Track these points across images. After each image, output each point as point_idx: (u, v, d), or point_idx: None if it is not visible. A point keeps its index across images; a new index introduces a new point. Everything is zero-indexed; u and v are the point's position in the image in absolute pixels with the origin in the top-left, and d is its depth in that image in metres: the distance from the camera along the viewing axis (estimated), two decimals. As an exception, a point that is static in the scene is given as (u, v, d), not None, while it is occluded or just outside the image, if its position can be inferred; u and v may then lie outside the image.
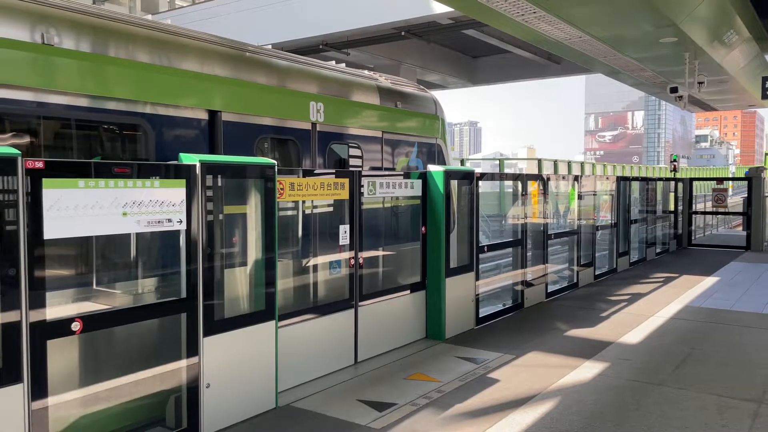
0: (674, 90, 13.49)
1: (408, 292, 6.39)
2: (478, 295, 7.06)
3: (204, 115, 5.54)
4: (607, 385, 5.05)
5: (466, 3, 8.89)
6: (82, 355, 3.88)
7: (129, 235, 4.38)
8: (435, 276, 6.52)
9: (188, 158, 3.99)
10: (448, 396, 4.79)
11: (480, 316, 7.10)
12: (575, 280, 9.48)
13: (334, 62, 8.11)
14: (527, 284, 8.07)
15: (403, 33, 14.93)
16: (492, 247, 7.93)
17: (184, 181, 3.87)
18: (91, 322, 3.52)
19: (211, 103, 5.57)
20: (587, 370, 5.41)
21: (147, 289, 4.71)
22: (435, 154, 8.95)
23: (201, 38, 5.83)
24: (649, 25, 9.90)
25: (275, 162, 4.50)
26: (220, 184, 4.24)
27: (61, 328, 3.35)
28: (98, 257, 4.45)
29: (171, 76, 5.27)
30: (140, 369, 3.96)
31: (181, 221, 3.85)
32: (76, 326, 3.38)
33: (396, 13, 13.86)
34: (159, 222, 3.74)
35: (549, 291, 8.62)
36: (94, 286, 4.46)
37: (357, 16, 14.41)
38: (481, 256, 7.30)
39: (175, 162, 4.00)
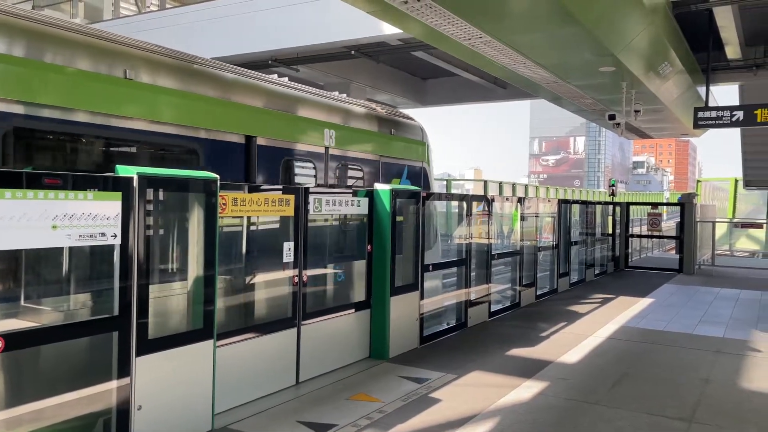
0: (612, 117, 14.04)
1: (352, 310, 6.34)
2: (422, 314, 7.07)
3: (242, 140, 6.63)
4: (546, 404, 5.12)
5: (415, 26, 9.03)
6: (4, 375, 3.66)
7: (62, 248, 4.19)
8: (380, 295, 6.50)
9: (125, 170, 3.86)
10: (390, 416, 4.75)
11: (424, 335, 7.11)
12: (517, 300, 9.64)
13: (337, 92, 9.21)
14: (471, 303, 8.16)
15: (353, 52, 15.02)
16: (437, 266, 7.98)
17: (119, 194, 3.73)
18: (14, 340, 3.32)
19: (249, 130, 6.68)
20: (527, 389, 5.47)
21: (78, 305, 4.50)
22: (421, 177, 10.02)
23: (242, 73, 7.06)
24: (589, 54, 10.29)
25: (217, 176, 4.41)
26: (158, 197, 4.12)
27: (-21, 347, 3.14)
28: (28, 271, 4.23)
29: (222, 106, 6.42)
30: (67, 390, 3.76)
31: (115, 236, 3.71)
32: (-4, 345, 3.18)
33: (346, 32, 13.93)
34: (92, 236, 3.59)
35: (492, 310, 8.73)
36: (22, 302, 4.24)
37: (307, 34, 14.40)
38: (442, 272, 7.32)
39: (110, 174, 3.85)
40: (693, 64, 13.69)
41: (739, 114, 12.02)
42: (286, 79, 7.78)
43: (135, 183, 3.82)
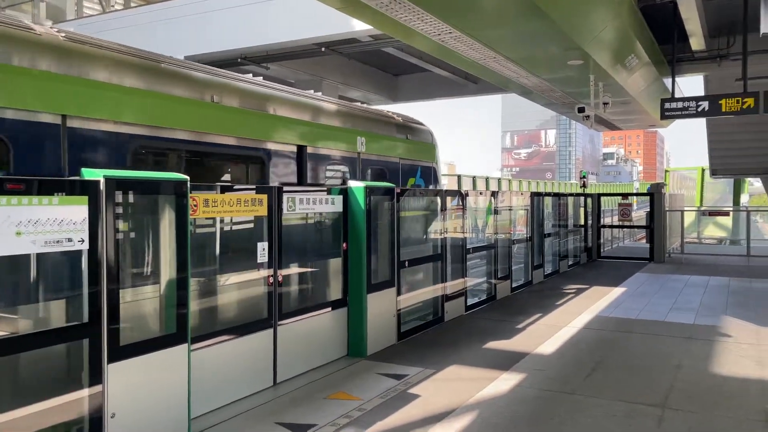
0: (581, 110, 14.21)
1: (329, 309, 6.31)
2: (399, 310, 7.08)
3: (295, 149, 7.91)
4: (523, 395, 5.16)
5: (385, 21, 9.01)
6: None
7: (29, 255, 4.08)
8: (356, 292, 6.48)
9: (91, 173, 3.77)
10: (370, 414, 4.74)
11: (402, 330, 7.12)
12: (493, 293, 9.70)
13: (362, 103, 11.07)
14: (447, 298, 8.19)
15: (323, 49, 14.93)
16: (413, 262, 7.99)
17: (86, 198, 3.64)
18: (-21, 351, 3.22)
19: (300, 141, 7.98)
20: (504, 381, 5.51)
21: (47, 313, 4.39)
22: (431, 175, 11.31)
23: (293, 92, 8.48)
24: (557, 47, 10.39)
25: (187, 177, 4.34)
26: (127, 200, 4.04)
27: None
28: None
29: (281, 122, 7.71)
30: (37, 400, 3.66)
31: (82, 240, 3.62)
32: (-40, 357, 3.08)
33: (316, 29, 13.84)
34: (58, 242, 3.50)
35: (468, 304, 8.78)
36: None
37: (276, 31, 14.27)
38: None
39: (76, 177, 3.76)
40: (659, 56, 13.92)
41: (705, 104, 12.25)
42: (182, 57, 8.42)
43: (102, 186, 3.73)
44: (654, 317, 8.35)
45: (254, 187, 5.55)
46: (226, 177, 7.46)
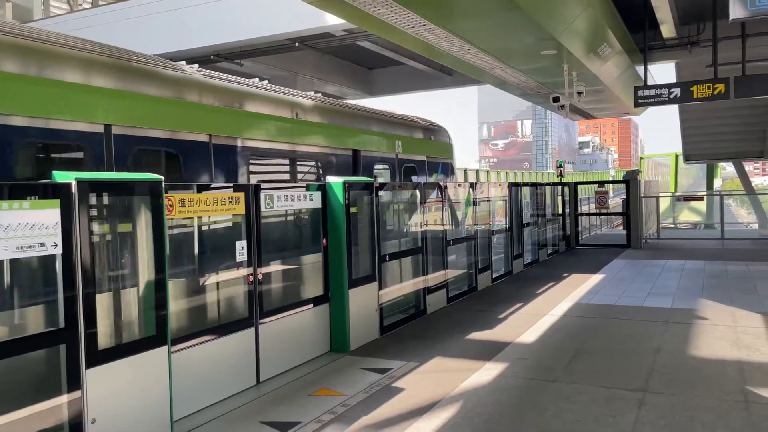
0: (556, 99, 14.33)
1: (311, 305, 6.29)
2: (381, 304, 7.08)
3: (351, 153, 9.69)
4: (506, 385, 5.20)
5: (357, 15, 8.96)
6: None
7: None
8: (338, 288, 6.47)
9: (62, 176, 3.69)
10: (354, 409, 4.73)
11: (384, 324, 7.12)
12: (474, 284, 9.75)
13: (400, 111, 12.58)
14: (429, 290, 8.21)
15: (297, 44, 14.83)
16: (394, 256, 7.99)
17: (58, 201, 3.57)
18: (-48, 361, 3.15)
19: (356, 146, 9.81)
20: (487, 372, 5.55)
21: (22, 319, 4.30)
22: (449, 170, 13.27)
23: (352, 107, 10.61)
24: (530, 38, 10.44)
25: (161, 177, 4.27)
26: (102, 202, 3.97)
27: None
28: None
29: (344, 131, 9.55)
30: (15, 408, 3.59)
31: (55, 245, 3.55)
32: (-68, 368, 3.01)
33: (289, 24, 13.73)
34: (30, 247, 3.42)
35: (450, 296, 8.81)
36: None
37: (249, 27, 14.12)
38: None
39: (47, 181, 3.69)
40: (631, 45, 14.07)
41: (677, 91, 12.42)
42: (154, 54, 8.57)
43: (74, 189, 3.66)
44: (632, 302, 8.47)
45: (231, 185, 5.49)
46: (311, 177, 9.10)
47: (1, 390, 3.73)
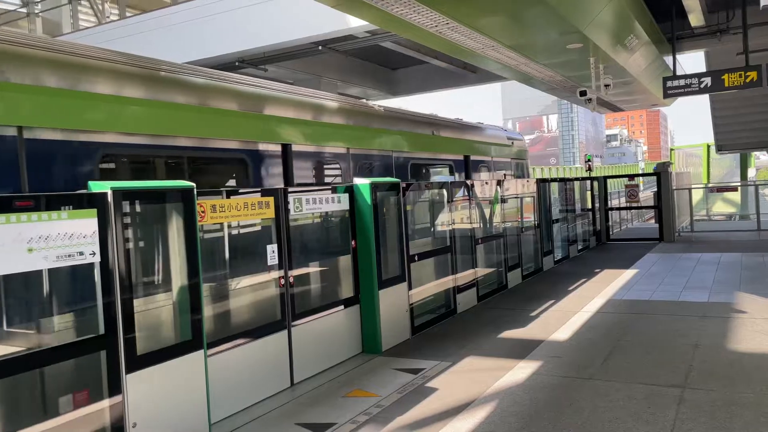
0: (583, 93, 14.12)
1: (342, 307, 6.32)
2: (412, 304, 7.07)
3: (463, 158, 12.09)
4: (542, 383, 5.15)
5: (380, 16, 8.97)
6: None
7: (41, 270, 4.10)
8: (368, 289, 6.48)
9: (98, 186, 3.78)
10: (388, 410, 4.74)
11: (415, 325, 7.12)
12: (504, 282, 9.69)
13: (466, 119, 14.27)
14: (459, 290, 8.18)
15: (320, 48, 14.90)
16: (422, 256, 7.98)
17: (95, 210, 3.66)
18: (0, 368, 3.25)
19: (466, 152, 12.28)
20: (521, 370, 5.51)
21: (63, 326, 4.41)
22: (525, 168, 15.94)
23: (461, 122, 12.83)
24: (555, 32, 10.32)
25: (193, 184, 4.34)
26: (136, 210, 4.05)
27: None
28: (8, 296, 4.13)
29: (462, 142, 12.18)
30: (60, 413, 3.69)
31: (94, 253, 3.63)
32: (-19, 375, 3.11)
33: (312, 28, 13.80)
34: (70, 256, 3.51)
35: (480, 295, 8.76)
36: (4, 328, 4.14)
37: (273, 33, 14.24)
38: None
39: (83, 191, 3.78)
40: (658, 35, 13.80)
41: (707, 80, 12.16)
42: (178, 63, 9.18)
43: (109, 198, 3.74)
44: (667, 297, 8.31)
45: (260, 189, 5.55)
46: (431, 177, 11.46)
47: (49, 395, 3.83)
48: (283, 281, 5.45)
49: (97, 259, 3.67)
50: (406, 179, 9.65)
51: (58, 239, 3.45)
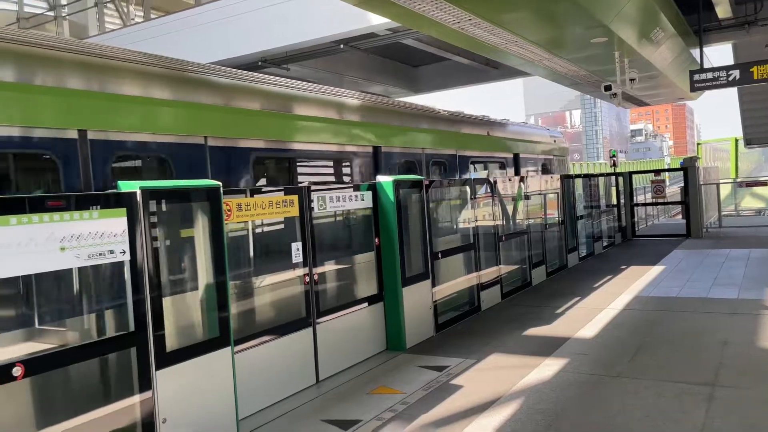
0: (608, 88, 13.95)
1: (366, 304, 6.34)
2: (435, 302, 7.07)
3: (512, 156, 13.28)
4: (568, 381, 5.11)
5: (402, 13, 8.96)
6: (26, 400, 3.66)
7: (71, 269, 4.18)
8: (391, 286, 6.49)
9: (127, 185, 3.84)
10: (413, 407, 4.75)
11: (439, 322, 7.11)
12: (528, 279, 9.62)
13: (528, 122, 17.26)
14: (483, 287, 8.14)
15: (342, 46, 14.93)
16: (446, 253, 7.96)
17: (124, 209, 3.72)
18: (34, 365, 3.32)
19: (516, 151, 13.45)
20: (547, 368, 5.47)
21: (94, 324, 4.50)
22: (566, 164, 17.39)
23: (513, 124, 14.21)
24: (579, 26, 10.20)
25: (220, 183, 4.39)
26: (164, 209, 4.11)
27: (0, 374, 3.15)
28: (40, 294, 4.23)
29: (512, 141, 13.19)
30: (91, 409, 3.76)
31: (124, 252, 3.70)
32: (17, 371, 3.19)
33: (334, 27, 13.84)
34: (101, 254, 3.58)
35: (504, 292, 8.72)
36: (37, 326, 4.24)
37: (295, 32, 14.31)
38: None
39: (113, 191, 3.84)
40: (684, 27, 13.56)
41: (736, 73, 11.92)
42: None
43: (138, 197, 3.81)
44: (696, 294, 8.18)
45: (283, 188, 5.59)
46: (495, 174, 12.45)
47: (82, 391, 3.92)
48: (307, 279, 5.49)
49: (127, 257, 3.73)
50: (469, 176, 10.85)
51: (89, 238, 3.51)
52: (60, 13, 22.18)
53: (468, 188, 8.27)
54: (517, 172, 13.22)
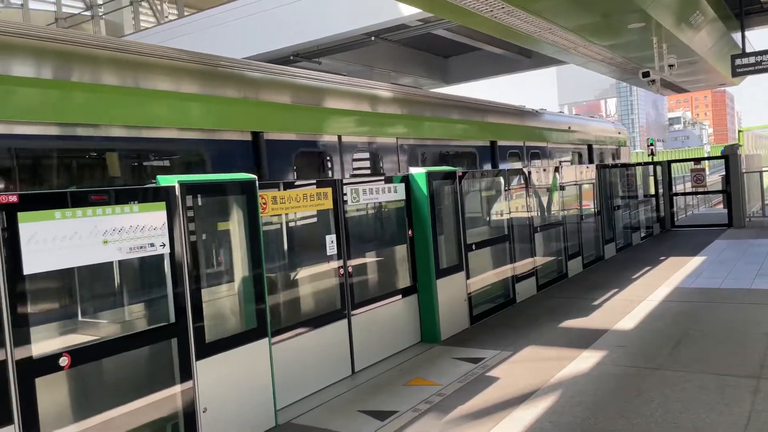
0: (646, 74, 13.62)
1: (400, 296, 6.34)
2: (470, 293, 7.03)
3: (587, 147, 15.98)
4: (607, 373, 5.04)
5: (434, 3, 8.90)
6: (72, 389, 3.78)
7: (112, 261, 4.29)
8: (425, 278, 6.48)
9: (166, 180, 3.91)
10: (450, 398, 4.74)
11: (474, 314, 7.07)
12: (564, 271, 9.49)
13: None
14: (518, 279, 8.07)
15: (373, 38, 14.91)
16: (480, 245, 7.91)
17: (164, 203, 3.79)
18: (80, 355, 3.42)
19: (589, 142, 16.07)
20: (585, 360, 5.39)
21: (135, 316, 4.61)
22: (628, 154, 19.74)
23: (553, 113, 15.29)
24: (615, 12, 9.98)
25: (255, 177, 4.44)
26: (203, 203, 4.18)
27: (48, 364, 3.25)
28: (82, 287, 4.35)
29: (586, 135, 16.07)
30: (134, 398, 3.86)
31: (164, 245, 3.77)
32: (64, 361, 3.29)
33: (365, 19, 13.83)
34: (141, 247, 3.66)
35: (540, 284, 8.62)
36: (80, 318, 4.36)
37: (326, 25, 14.35)
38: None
39: (153, 185, 3.92)
40: (725, 11, 13.15)
41: (780, 56, 11.52)
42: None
43: (177, 191, 3.87)
44: (739, 285, 7.96)
45: (315, 181, 5.62)
46: (575, 162, 14.91)
47: (123, 381, 4.02)
48: (342, 271, 5.51)
49: (167, 250, 3.80)
50: (558, 164, 13.22)
51: (130, 231, 3.60)
52: (96, 12, 22.65)
53: (502, 179, 8.18)
54: (591, 161, 15.66)
